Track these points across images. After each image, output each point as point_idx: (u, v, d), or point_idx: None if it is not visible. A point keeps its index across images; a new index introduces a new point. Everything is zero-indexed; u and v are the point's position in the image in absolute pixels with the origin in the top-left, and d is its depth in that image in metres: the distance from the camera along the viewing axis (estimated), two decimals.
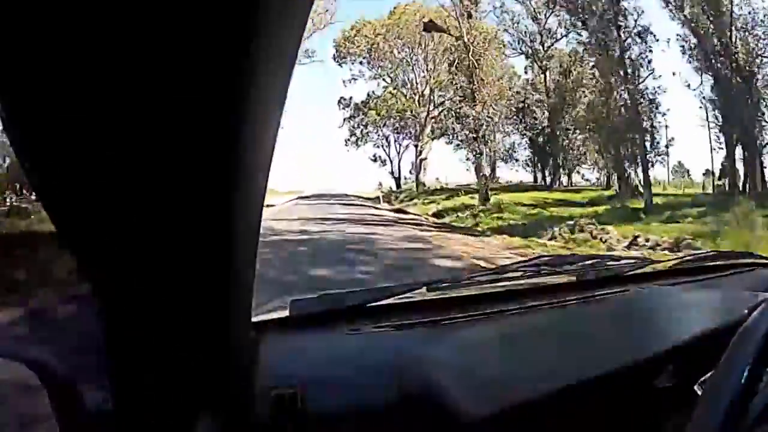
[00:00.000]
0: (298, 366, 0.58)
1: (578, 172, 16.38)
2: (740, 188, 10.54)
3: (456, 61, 12.85)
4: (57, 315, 0.59)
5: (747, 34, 10.42)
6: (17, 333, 0.54)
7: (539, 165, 16.86)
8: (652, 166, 11.38)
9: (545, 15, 14.78)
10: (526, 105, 15.71)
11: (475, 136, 11.73)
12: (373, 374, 0.57)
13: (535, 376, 0.52)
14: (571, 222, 7.93)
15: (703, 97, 11.27)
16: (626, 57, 10.99)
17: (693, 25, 10.73)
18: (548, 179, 16.08)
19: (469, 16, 12.26)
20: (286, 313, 0.76)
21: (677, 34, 11.24)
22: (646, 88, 11.28)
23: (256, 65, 0.18)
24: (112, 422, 0.36)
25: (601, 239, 7.00)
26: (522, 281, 0.88)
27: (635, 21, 11.06)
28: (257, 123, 0.22)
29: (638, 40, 11.12)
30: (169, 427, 0.34)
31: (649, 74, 11.21)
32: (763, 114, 10.42)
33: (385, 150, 21.79)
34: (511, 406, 0.49)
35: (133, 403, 0.32)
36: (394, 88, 19.53)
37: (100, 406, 0.39)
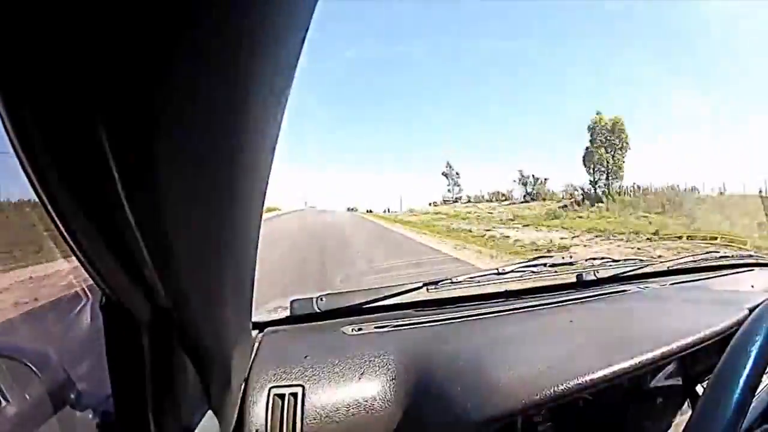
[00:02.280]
0: (298, 366, 0.58)
1: None
2: None
3: None
4: (57, 315, 0.59)
5: None
6: (17, 333, 0.54)
7: None
8: None
9: None
10: None
11: None
12: (373, 374, 0.57)
13: (534, 376, 0.52)
14: None
15: None
16: None
17: None
18: None
19: None
20: (286, 313, 0.76)
21: None
22: None
23: (257, 61, 0.18)
24: (112, 422, 0.36)
25: None
26: (522, 281, 0.88)
27: None
28: (258, 121, 0.22)
29: None
30: (169, 428, 0.34)
31: None
32: None
33: None
34: (510, 406, 0.49)
35: (133, 403, 0.32)
36: None
37: (101, 407, 0.39)
